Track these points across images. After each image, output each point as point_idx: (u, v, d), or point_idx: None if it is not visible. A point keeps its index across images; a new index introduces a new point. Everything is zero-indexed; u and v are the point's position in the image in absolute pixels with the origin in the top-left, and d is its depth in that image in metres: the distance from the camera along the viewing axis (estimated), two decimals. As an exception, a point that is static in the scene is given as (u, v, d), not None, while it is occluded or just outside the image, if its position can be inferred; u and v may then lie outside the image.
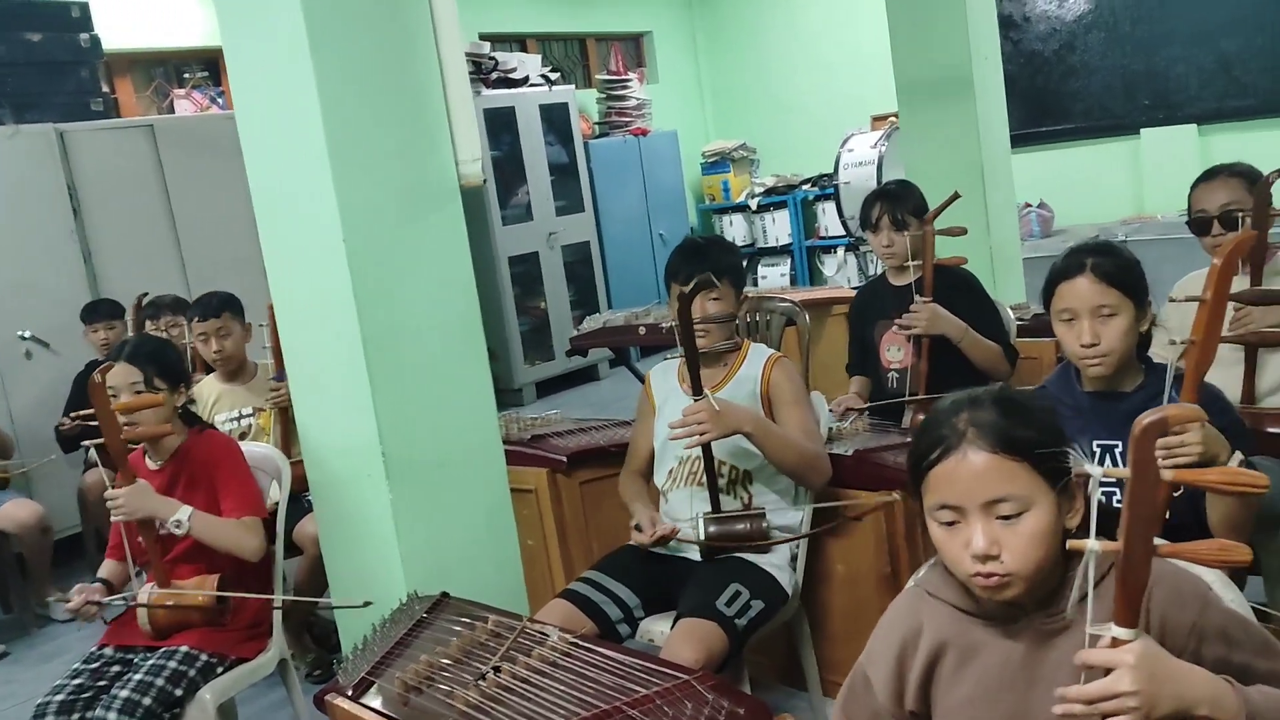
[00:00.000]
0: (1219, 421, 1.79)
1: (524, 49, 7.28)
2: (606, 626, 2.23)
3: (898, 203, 3.04)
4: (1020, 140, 6.70)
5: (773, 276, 7.85)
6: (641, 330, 4.16)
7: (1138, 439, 1.01)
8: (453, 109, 2.40)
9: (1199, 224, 2.56)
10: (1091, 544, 1.05)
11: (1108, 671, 1.06)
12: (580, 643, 1.88)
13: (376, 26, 2.25)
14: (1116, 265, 1.90)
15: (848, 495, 2.42)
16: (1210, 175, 2.60)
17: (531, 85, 6.62)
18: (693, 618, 2.10)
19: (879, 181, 6.70)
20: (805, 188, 7.74)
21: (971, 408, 1.24)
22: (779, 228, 7.87)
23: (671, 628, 2.13)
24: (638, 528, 2.32)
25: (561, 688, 1.73)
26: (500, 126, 6.42)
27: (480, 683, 1.76)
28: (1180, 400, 1.77)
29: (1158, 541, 1.07)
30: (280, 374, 3.07)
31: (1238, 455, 1.74)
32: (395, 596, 2.23)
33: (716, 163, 8.14)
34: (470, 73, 6.29)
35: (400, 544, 2.31)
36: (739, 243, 8.02)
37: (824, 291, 4.75)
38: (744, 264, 2.48)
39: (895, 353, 3.11)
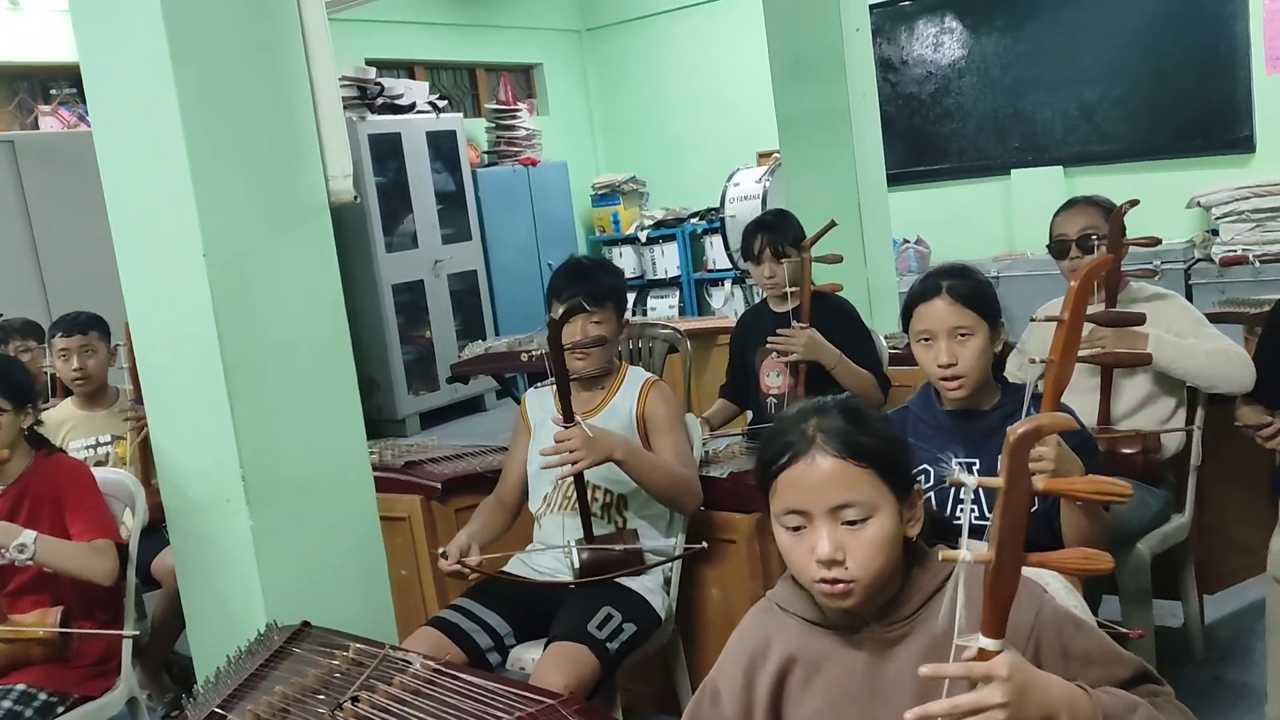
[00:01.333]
0: (1071, 441, 1.85)
1: (412, 76, 7.22)
2: (476, 655, 2.18)
3: (777, 233, 3.09)
4: (899, 178, 6.94)
5: (661, 308, 7.90)
6: (524, 357, 4.12)
7: (1012, 448, 1.02)
8: (323, 124, 2.34)
9: (1058, 248, 2.66)
10: (964, 554, 1.06)
11: (973, 684, 1.06)
12: (444, 670, 1.82)
13: (242, 39, 2.18)
14: (971, 288, 1.96)
15: (722, 518, 2.43)
16: (1070, 204, 2.72)
17: (419, 112, 6.56)
18: (563, 642, 2.07)
19: (764, 215, 6.82)
20: (693, 221, 7.83)
21: (820, 415, 1.25)
22: (668, 260, 7.94)
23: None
24: (443, 554, 2.26)
25: (422, 716, 1.67)
26: (386, 152, 6.33)
27: (337, 713, 1.69)
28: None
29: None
30: (139, 397, 2.94)
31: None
32: (254, 628, 2.14)
33: (606, 195, 8.18)
34: (355, 98, 6.21)
35: (261, 572, 2.21)
36: (628, 274, 8.05)
37: (708, 321, 4.79)
38: (628, 288, 2.48)
39: (774, 379, 3.14)
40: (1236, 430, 2.67)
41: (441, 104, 6.79)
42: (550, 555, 2.35)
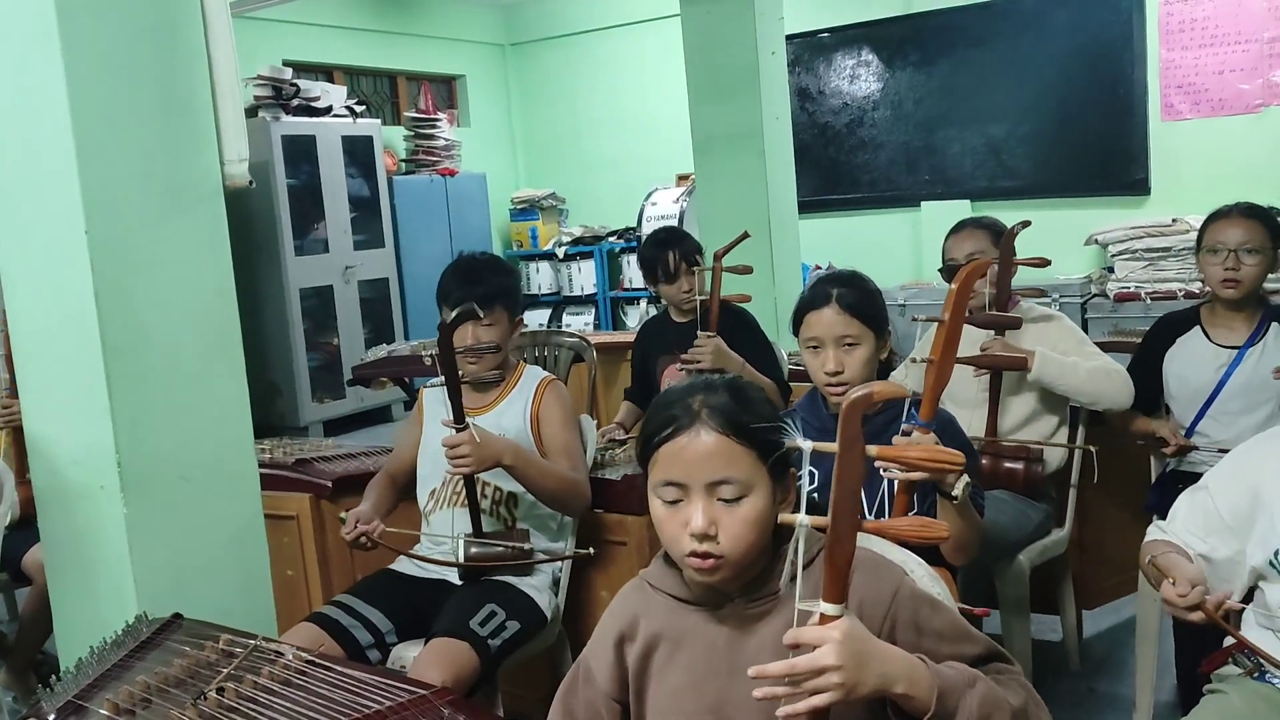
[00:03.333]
0: (950, 445, 1.89)
1: (331, 80, 7.13)
2: (355, 651, 2.14)
3: (682, 246, 3.12)
4: (813, 206, 7.07)
5: (577, 325, 7.89)
6: (427, 360, 4.07)
7: (845, 414, 1.05)
8: (220, 108, 2.30)
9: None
10: (801, 518, 1.08)
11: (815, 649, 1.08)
12: (317, 661, 1.78)
13: (137, 14, 2.13)
14: (859, 297, 2.00)
15: (614, 520, 2.42)
16: (959, 228, 2.79)
17: (335, 116, 6.48)
18: (443, 638, 2.04)
19: (679, 235, 6.87)
20: (611, 239, 7.86)
21: (706, 391, 1.27)
22: (584, 277, 7.94)
23: (424, 650, 2.06)
24: (343, 519, 2.26)
25: (289, 706, 1.62)
26: (299, 155, 6.23)
27: (199, 702, 1.64)
28: (919, 418, 1.86)
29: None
30: (14, 389, 2.82)
31: (965, 479, 1.84)
32: (124, 620, 2.06)
33: (525, 210, 8.16)
34: (270, 97, 6.11)
35: (134, 562, 2.14)
36: (545, 291, 8.05)
37: (619, 335, 4.80)
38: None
39: (677, 388, 3.15)
40: (1117, 449, 2.77)
41: (359, 109, 6.71)
42: (437, 552, 2.31)
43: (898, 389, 1.12)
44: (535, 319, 7.94)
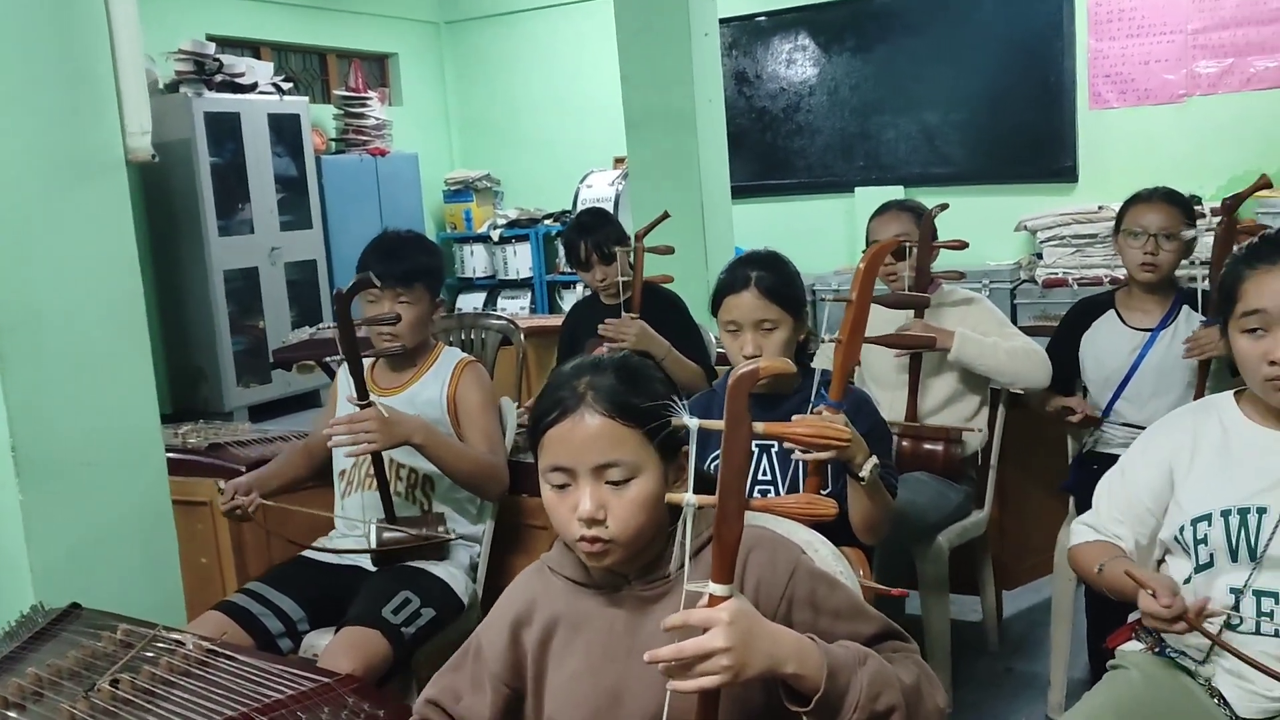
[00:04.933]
0: (863, 426, 1.89)
1: (258, 56, 6.95)
2: (265, 639, 2.08)
3: (598, 234, 3.09)
4: (750, 190, 7.07)
5: (513, 309, 7.81)
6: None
7: (730, 391, 1.03)
8: (122, 77, 2.21)
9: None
10: (689, 499, 1.06)
11: (704, 631, 1.06)
12: (220, 650, 1.73)
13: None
14: (778, 280, 1.99)
15: (534, 504, 2.39)
16: (883, 210, 2.79)
17: (261, 93, 6.32)
18: (354, 626, 1.99)
19: (616, 218, 6.83)
20: (547, 222, 7.79)
21: (593, 372, 1.24)
22: (520, 260, 7.87)
23: (335, 638, 2.01)
24: (220, 490, 2.24)
25: (187, 697, 1.57)
26: (223, 132, 6.07)
27: (91, 695, 1.58)
28: (829, 397, 1.86)
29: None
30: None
31: (873, 459, 1.84)
32: (19, 611, 1.98)
33: (459, 191, 8.06)
34: (191, 73, 5.94)
35: (31, 552, 2.06)
36: (479, 274, 7.96)
37: (551, 319, 4.76)
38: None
39: (602, 371, 3.12)
40: (1036, 432, 2.80)
41: (286, 86, 6.55)
42: (350, 538, 2.26)
43: (784, 364, 1.10)
44: (470, 303, 7.86)
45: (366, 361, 2.38)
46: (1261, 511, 1.52)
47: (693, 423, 1.07)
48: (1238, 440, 1.59)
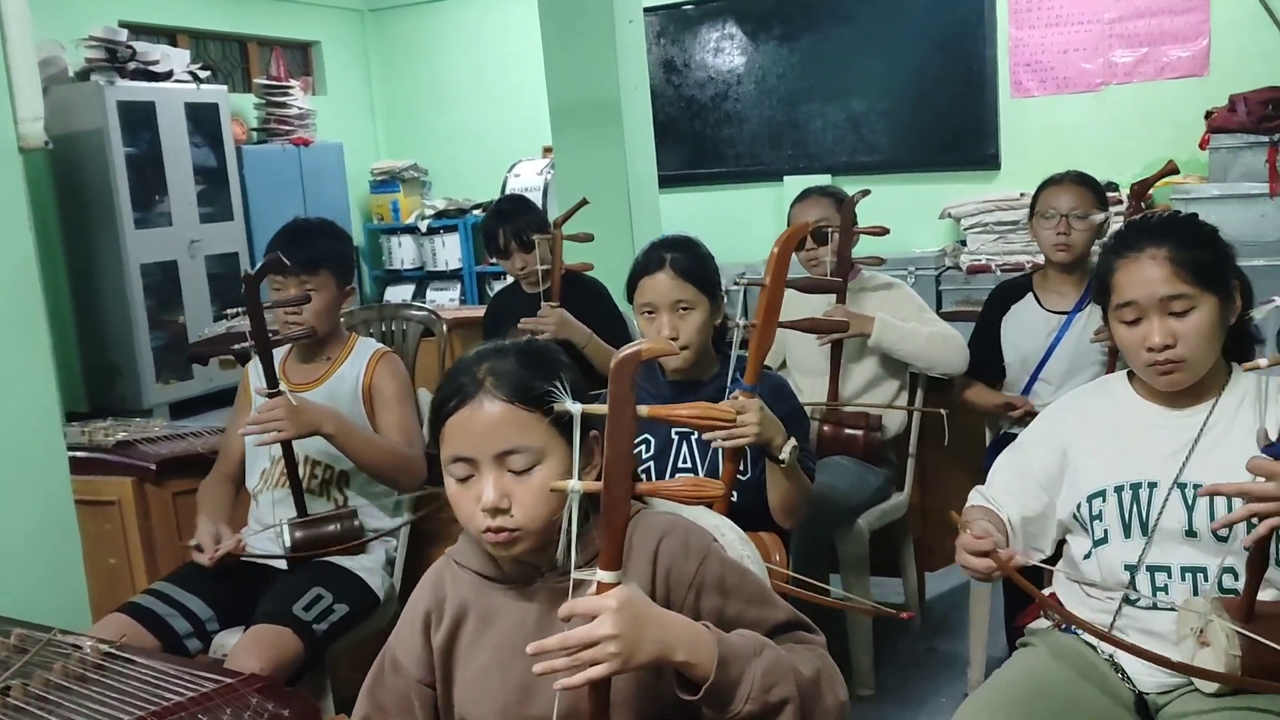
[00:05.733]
0: (781, 410, 1.89)
1: (174, 43, 6.76)
2: (172, 641, 2.02)
3: (517, 222, 3.06)
4: (679, 180, 7.07)
5: (442, 300, 7.72)
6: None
7: (614, 374, 1.01)
8: (11, 62, 2.12)
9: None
10: (573, 484, 1.04)
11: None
12: (119, 653, 1.67)
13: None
14: (692, 261, 1.98)
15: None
16: (804, 196, 2.80)
17: (177, 81, 6.15)
18: (263, 624, 1.94)
19: (544, 208, 6.78)
20: (476, 212, 7.70)
21: (494, 358, 1.21)
22: (449, 251, 7.77)
23: (246, 638, 1.96)
24: (197, 548, 2.11)
25: (81, 702, 1.52)
26: (137, 122, 5.89)
27: (-21, 703, 1.51)
28: (744, 381, 1.85)
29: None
30: None
31: (792, 442, 1.84)
32: (-90, 619, 1.90)
33: (386, 181, 7.93)
34: (103, 60, 5.77)
35: (-79, 556, 1.98)
36: (408, 265, 7.85)
37: (477, 310, 4.70)
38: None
39: (525, 361, 3.09)
40: (955, 415, 2.83)
41: (204, 75, 6.38)
42: (264, 536, 2.21)
43: (666, 347, 1.09)
44: (398, 294, 7.75)
45: (278, 355, 2.33)
46: (1152, 486, 1.55)
47: (575, 408, 1.05)
48: (1129, 418, 1.62)
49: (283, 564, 2.15)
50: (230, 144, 6.45)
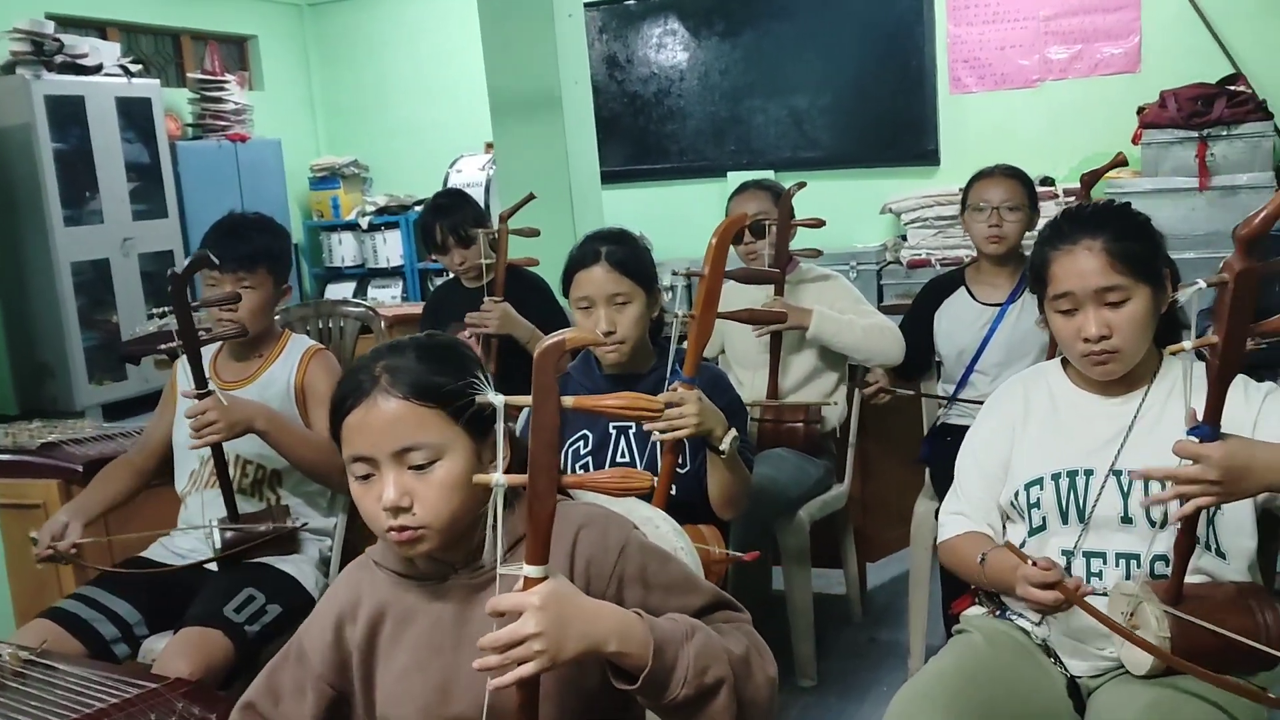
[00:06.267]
0: (719, 402, 1.89)
1: (104, 36, 6.60)
2: (98, 646, 1.97)
3: (455, 216, 3.02)
4: (624, 175, 7.05)
5: (384, 298, 7.62)
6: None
7: (537, 364, 0.99)
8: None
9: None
10: (498, 478, 1.02)
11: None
12: (40, 660, 1.62)
13: None
14: (628, 254, 1.97)
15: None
16: (742, 189, 2.81)
17: (107, 75, 6.00)
18: (193, 627, 1.90)
19: (486, 203, 6.74)
20: (418, 209, 7.61)
21: (391, 354, 1.19)
22: (390, 248, 7.68)
23: (176, 642, 1.91)
24: (34, 540, 2.05)
25: (1, 712, 1.47)
26: (66, 117, 5.75)
27: (-112, 716, 1.46)
28: (683, 374, 1.84)
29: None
30: None
31: (733, 433, 1.84)
32: None
33: (326, 178, 7.82)
34: (29, 53, 5.62)
35: None
36: (348, 263, 7.75)
37: (414, 306, 4.65)
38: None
39: (466, 356, 3.06)
40: (894, 407, 2.85)
41: (136, 69, 6.24)
42: (193, 537, 2.16)
43: (591, 336, 1.08)
44: (339, 292, 7.64)
45: (209, 352, 2.28)
46: (1089, 474, 1.57)
47: (497, 399, 1.03)
48: (1065, 406, 1.64)
49: (213, 565, 2.10)
50: (164, 140, 6.32)
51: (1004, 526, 1.69)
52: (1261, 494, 1.46)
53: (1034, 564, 1.41)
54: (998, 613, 1.65)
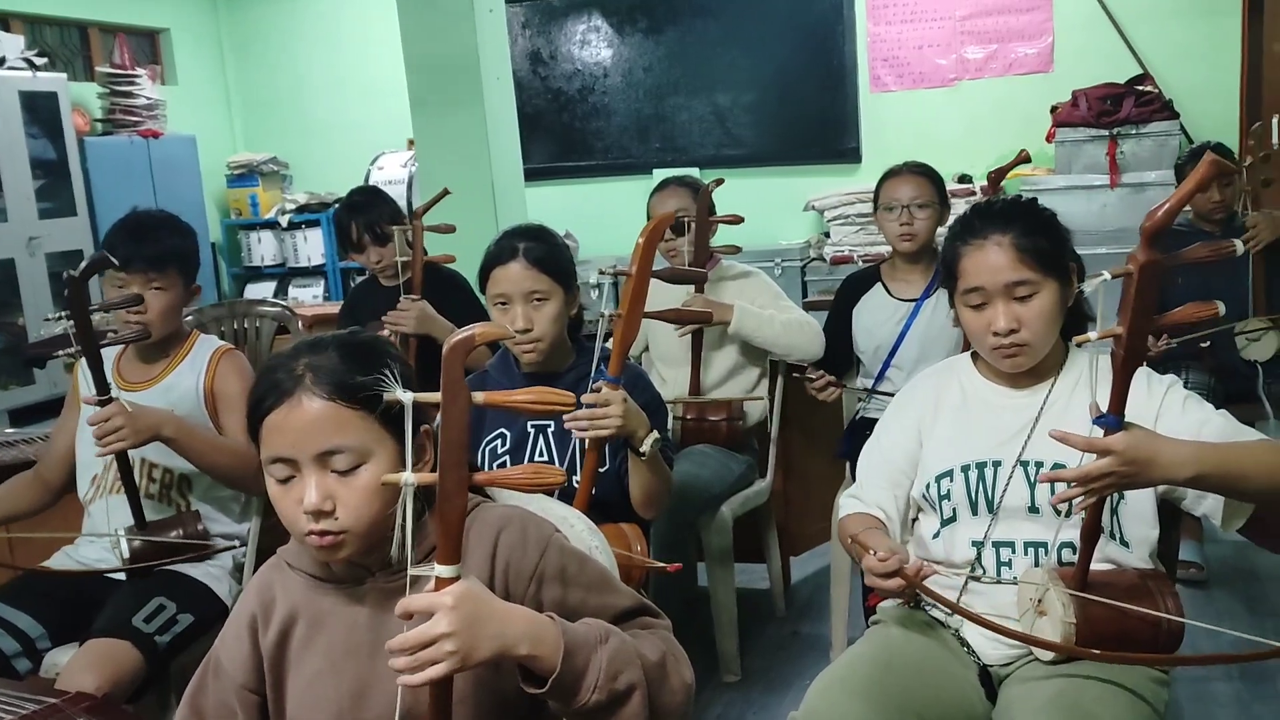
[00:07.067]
0: (641, 399, 1.88)
1: (6, 29, 6.36)
2: (-1, 662, 1.89)
3: (371, 213, 2.98)
4: (550, 173, 7.01)
5: (305, 298, 7.48)
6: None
7: (446, 360, 0.98)
8: None
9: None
10: (406, 477, 1.00)
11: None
12: (-72, 678, 1.56)
13: None
14: (547, 251, 1.95)
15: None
16: (662, 186, 2.82)
17: (10, 68, 5.79)
18: (99, 638, 1.83)
19: (409, 200, 6.66)
20: (339, 206, 7.49)
21: (312, 352, 1.16)
22: (312, 247, 7.53)
23: (81, 655, 1.85)
24: None
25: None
26: (-35, 111, 5.53)
27: None
28: (608, 373, 1.83)
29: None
30: None
31: (654, 434, 1.83)
32: None
33: (244, 175, 7.64)
34: (-75, 45, 5.38)
35: None
36: (268, 262, 7.59)
37: (334, 306, 4.57)
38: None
39: (384, 356, 3.01)
40: (815, 401, 2.87)
41: (40, 62, 6.03)
42: (98, 546, 2.09)
43: (500, 330, 1.06)
44: (259, 292, 7.47)
45: (112, 354, 2.21)
46: (997, 465, 1.60)
47: (406, 397, 1.01)
48: (975, 399, 1.67)
49: (121, 574, 2.03)
50: (71, 135, 6.11)
51: (909, 516, 1.72)
52: (1161, 485, 1.50)
53: (876, 555, 1.44)
54: (912, 604, 1.67)
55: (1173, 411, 1.55)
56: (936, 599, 1.48)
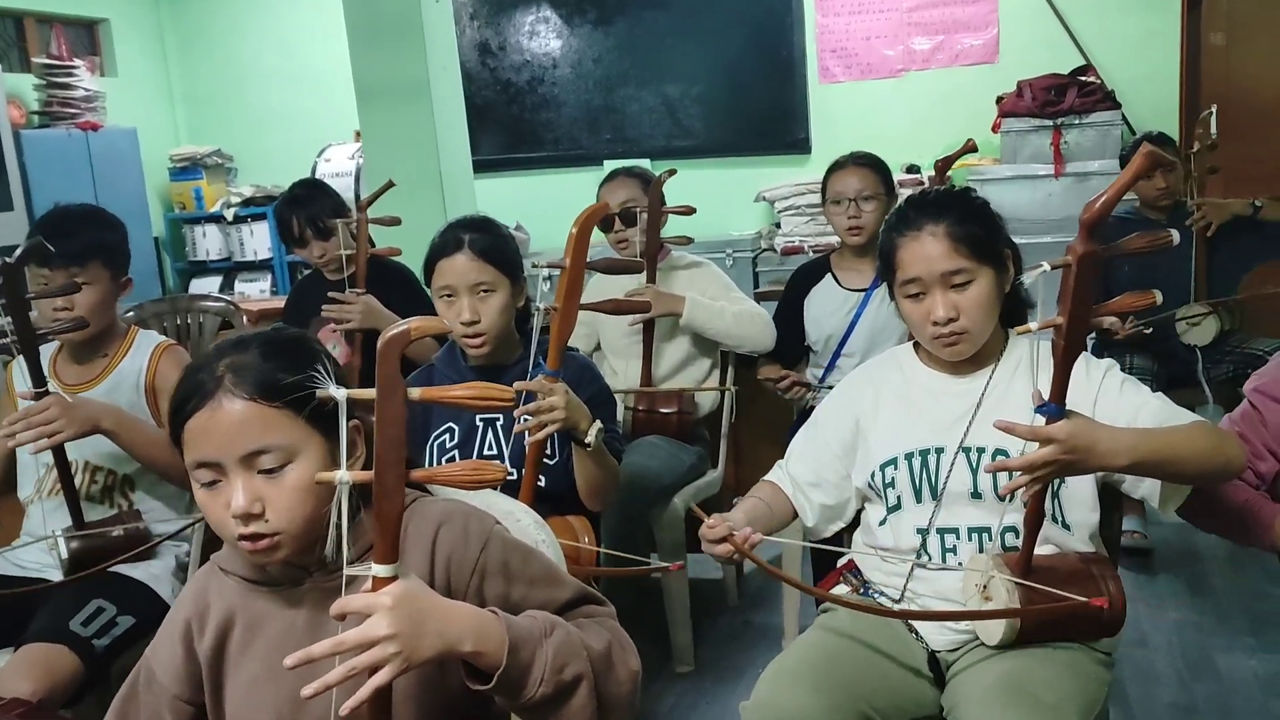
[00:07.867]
0: (585, 392, 1.88)
1: (-63, 19, 6.19)
2: (-72, 670, 1.83)
3: (313, 207, 2.94)
4: (499, 164, 6.95)
5: (252, 293, 7.37)
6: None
7: (381, 354, 0.96)
8: None
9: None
10: (341, 475, 0.98)
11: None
12: None
13: None
14: (492, 242, 1.94)
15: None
16: (611, 177, 2.81)
17: (-59, 59, 5.63)
18: (35, 644, 1.79)
19: (357, 193, 6.58)
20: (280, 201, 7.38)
21: (235, 351, 1.13)
22: (258, 241, 7.40)
23: (16, 660, 1.80)
24: None
25: None
26: (-105, 103, 5.37)
27: None
28: (547, 366, 1.82)
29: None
30: None
31: (597, 425, 1.83)
32: None
33: (187, 168, 7.49)
34: None
35: None
36: (214, 256, 7.46)
37: (279, 300, 4.51)
38: (127, 242, 2.17)
39: (332, 350, 2.96)
40: (767, 392, 2.89)
41: (-27, 52, 5.87)
42: (37, 549, 2.04)
43: (437, 324, 1.04)
44: (205, 287, 7.33)
45: (47, 355, 2.15)
46: (939, 451, 1.61)
47: (340, 394, 1.00)
48: (917, 387, 1.69)
49: (59, 576, 1.98)
50: (7, 128, 5.95)
51: (845, 497, 1.74)
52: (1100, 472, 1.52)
53: (708, 524, 1.56)
54: (861, 590, 1.69)
55: (1110, 394, 1.57)
56: (768, 570, 1.65)
